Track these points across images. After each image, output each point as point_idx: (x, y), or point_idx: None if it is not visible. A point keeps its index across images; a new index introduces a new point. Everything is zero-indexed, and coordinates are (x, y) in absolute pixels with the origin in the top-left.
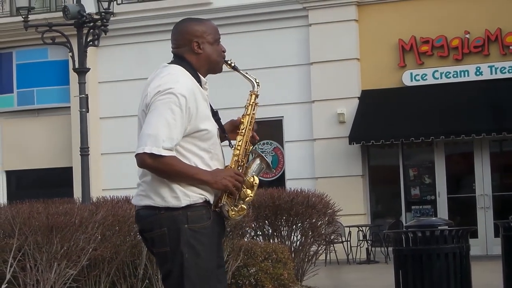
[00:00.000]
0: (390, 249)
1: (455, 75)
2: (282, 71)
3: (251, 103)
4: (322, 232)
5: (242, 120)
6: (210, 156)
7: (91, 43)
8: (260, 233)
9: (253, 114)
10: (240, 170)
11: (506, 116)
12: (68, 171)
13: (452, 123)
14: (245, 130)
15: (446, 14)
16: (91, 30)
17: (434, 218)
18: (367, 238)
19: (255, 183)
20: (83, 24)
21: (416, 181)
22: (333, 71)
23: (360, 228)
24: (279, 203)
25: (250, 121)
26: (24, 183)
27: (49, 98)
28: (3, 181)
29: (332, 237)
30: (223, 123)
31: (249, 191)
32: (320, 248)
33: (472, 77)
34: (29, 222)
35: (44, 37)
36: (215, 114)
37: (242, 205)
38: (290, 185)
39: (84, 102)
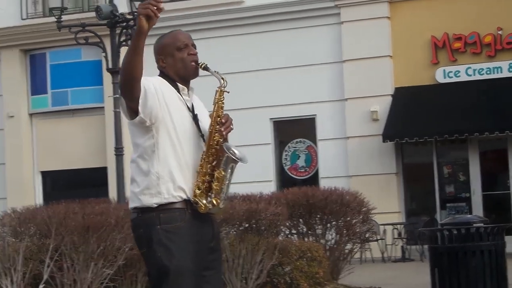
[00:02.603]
0: (425, 247)
1: (488, 72)
2: (315, 70)
3: (218, 98)
4: (357, 230)
5: (212, 114)
6: (182, 149)
7: (124, 43)
8: (295, 231)
9: (219, 110)
10: (208, 165)
11: None
12: (103, 171)
13: (486, 119)
14: (213, 123)
15: (478, 10)
16: (124, 30)
17: (469, 216)
18: (402, 236)
19: (219, 176)
20: (116, 24)
21: (450, 179)
22: (366, 68)
23: (394, 226)
24: (313, 201)
25: (215, 118)
26: (59, 183)
27: (83, 98)
28: (39, 182)
29: (367, 235)
30: None
31: (216, 183)
32: (355, 246)
33: (505, 74)
34: (65, 223)
35: (77, 38)
36: (194, 117)
37: (214, 198)
38: (324, 183)
39: (118, 102)
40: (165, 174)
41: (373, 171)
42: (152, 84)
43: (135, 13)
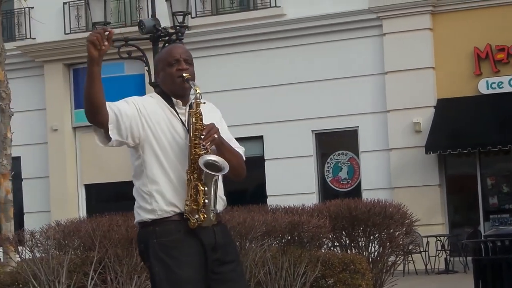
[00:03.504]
0: (469, 258)
1: None
2: (357, 81)
3: (193, 112)
4: (400, 242)
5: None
6: (161, 165)
7: None
8: (338, 244)
9: (198, 122)
10: (193, 180)
11: None
12: None
13: None
14: (191, 141)
15: None
16: (166, 44)
17: None
18: (446, 248)
19: (202, 190)
20: (159, 38)
21: (494, 190)
22: (408, 80)
23: (438, 238)
24: (356, 213)
25: (193, 131)
26: (103, 196)
27: None
28: (83, 195)
29: (410, 247)
30: None
31: (201, 197)
32: (398, 258)
33: None
34: (109, 235)
35: (120, 52)
36: (188, 130)
37: (201, 213)
38: (366, 195)
39: None
40: (155, 192)
41: (416, 183)
42: (134, 104)
43: (177, 27)
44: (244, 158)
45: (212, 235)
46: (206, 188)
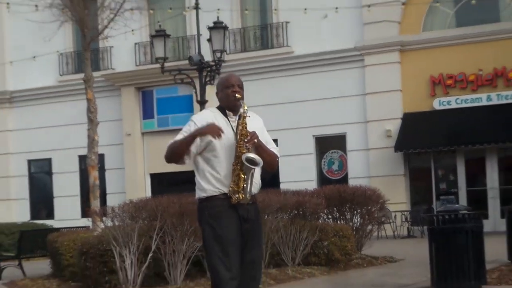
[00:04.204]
0: (425, 227)
1: (471, 101)
2: (345, 100)
3: (240, 122)
4: (375, 216)
5: (237, 132)
6: (218, 162)
7: (208, 82)
8: (330, 217)
9: (243, 130)
10: (237, 170)
11: (509, 131)
12: (193, 172)
13: (470, 136)
14: (237, 142)
15: (464, 56)
16: (209, 73)
17: (457, 205)
18: (408, 220)
19: (242, 178)
20: (203, 69)
21: (443, 179)
22: (382, 99)
23: (402, 212)
24: (344, 195)
25: (241, 135)
26: (163, 182)
27: (179, 121)
28: (148, 181)
29: (383, 219)
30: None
31: (242, 183)
32: (373, 227)
33: (484, 103)
34: (167, 210)
35: (175, 79)
36: (236, 134)
37: (240, 194)
38: (352, 182)
39: None
40: (207, 177)
41: (387, 173)
42: (202, 120)
43: (216, 61)
44: (279, 155)
45: (246, 211)
46: (245, 176)
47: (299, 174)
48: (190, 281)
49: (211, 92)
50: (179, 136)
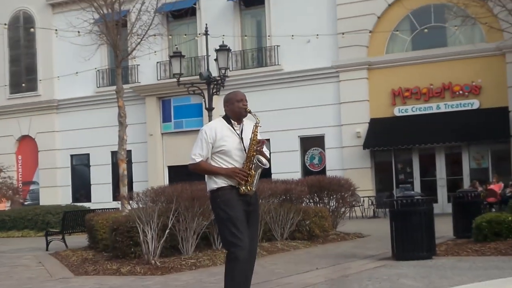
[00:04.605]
0: (387, 210)
1: (424, 109)
2: (324, 108)
3: (253, 131)
4: (347, 200)
5: (252, 139)
6: (230, 162)
7: (215, 93)
8: (312, 201)
9: (255, 137)
10: (247, 168)
11: (454, 133)
12: None
13: (422, 136)
14: (251, 145)
15: (419, 74)
16: (215, 86)
17: (412, 192)
18: (374, 203)
19: (252, 174)
20: (210, 83)
21: (401, 171)
22: (354, 107)
23: (369, 197)
24: (323, 184)
25: (253, 141)
26: (178, 173)
27: (191, 124)
28: (166, 172)
29: (353, 203)
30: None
31: (251, 178)
32: (346, 209)
33: (435, 110)
34: (181, 195)
35: (188, 90)
36: (241, 139)
37: (248, 186)
38: (329, 173)
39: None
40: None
41: (357, 166)
42: (214, 132)
43: (221, 76)
44: (269, 156)
45: (249, 197)
46: (255, 173)
47: (287, 167)
48: (199, 252)
49: (217, 101)
50: (198, 145)
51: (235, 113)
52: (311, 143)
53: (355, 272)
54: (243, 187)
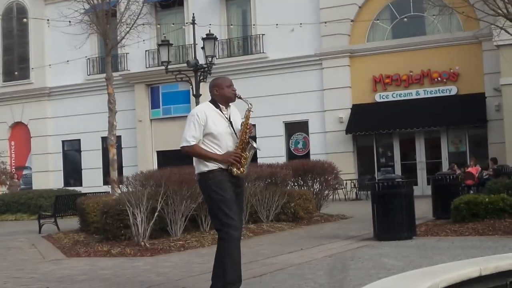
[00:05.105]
0: (369, 192)
1: (404, 95)
2: (308, 94)
3: (246, 115)
4: (331, 183)
5: (242, 124)
6: (219, 145)
7: (202, 80)
8: (296, 184)
9: (247, 121)
10: (240, 151)
11: (433, 118)
12: None
13: (403, 121)
14: (243, 129)
15: (399, 61)
16: (202, 73)
17: (393, 175)
18: (356, 186)
19: (246, 156)
20: (198, 70)
21: (382, 155)
22: (337, 93)
23: (352, 180)
24: (306, 167)
25: (246, 125)
26: (166, 157)
27: (179, 110)
28: (155, 156)
29: (336, 185)
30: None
31: (244, 161)
32: (329, 192)
33: (414, 96)
34: (170, 179)
35: (176, 77)
36: (230, 123)
37: (241, 169)
38: (313, 157)
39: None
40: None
41: (340, 151)
42: (205, 115)
43: (208, 64)
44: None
45: (238, 179)
46: (248, 155)
47: (272, 151)
48: (187, 234)
49: (204, 88)
50: (191, 127)
51: (225, 98)
52: (296, 128)
53: (338, 252)
54: (236, 169)
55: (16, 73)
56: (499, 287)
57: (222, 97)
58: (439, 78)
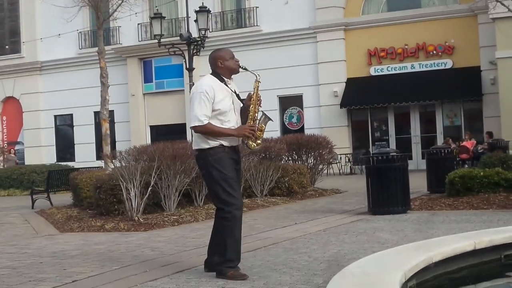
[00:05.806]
0: (364, 166)
1: (399, 69)
2: (303, 68)
3: (256, 86)
4: (325, 157)
5: (252, 95)
6: (226, 121)
7: (195, 54)
8: (290, 158)
9: (257, 92)
10: (253, 123)
11: (428, 91)
12: (183, 125)
13: (398, 95)
14: (254, 101)
15: (394, 34)
16: (195, 47)
17: (388, 149)
18: (350, 160)
19: (263, 128)
20: (191, 43)
21: (377, 129)
22: (331, 67)
23: (346, 155)
24: (301, 142)
25: (256, 96)
26: (160, 132)
27: (172, 85)
28: (148, 131)
29: (331, 160)
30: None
31: (259, 133)
32: (324, 166)
33: (409, 70)
34: (163, 153)
35: (169, 51)
36: (237, 96)
37: (258, 141)
38: (307, 132)
39: (192, 87)
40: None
41: (334, 125)
42: (213, 90)
43: (201, 37)
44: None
45: (237, 156)
46: (264, 127)
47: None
48: (181, 208)
49: (197, 61)
50: (202, 105)
51: (230, 70)
52: (290, 103)
53: (332, 226)
54: (252, 142)
55: (7, 47)
56: (493, 260)
57: (227, 69)
58: (434, 52)
